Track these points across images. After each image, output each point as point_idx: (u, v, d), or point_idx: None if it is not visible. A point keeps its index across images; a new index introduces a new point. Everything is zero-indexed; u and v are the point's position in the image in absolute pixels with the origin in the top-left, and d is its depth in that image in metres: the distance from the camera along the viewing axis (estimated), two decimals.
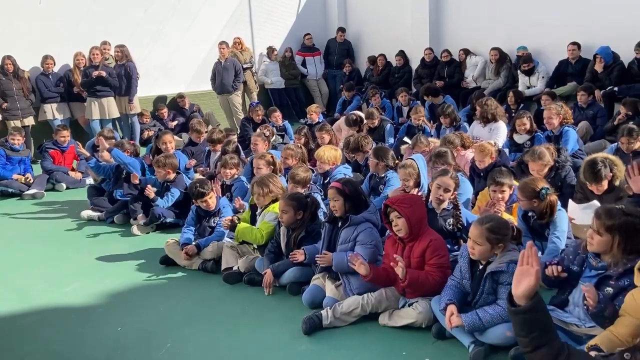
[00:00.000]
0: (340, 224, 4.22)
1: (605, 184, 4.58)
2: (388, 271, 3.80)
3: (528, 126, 7.10)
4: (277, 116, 9.41)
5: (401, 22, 12.34)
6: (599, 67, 9.26)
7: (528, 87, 10.22)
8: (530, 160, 5.31)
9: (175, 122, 11.13)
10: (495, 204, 4.61)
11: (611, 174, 4.59)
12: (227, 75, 10.64)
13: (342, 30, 13.19)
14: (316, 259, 4.15)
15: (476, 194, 5.41)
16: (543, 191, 4.21)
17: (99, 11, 10.47)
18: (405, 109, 10.20)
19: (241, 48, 11.74)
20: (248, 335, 3.80)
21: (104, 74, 9.61)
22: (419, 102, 10.15)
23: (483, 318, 3.26)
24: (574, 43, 9.74)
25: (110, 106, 9.95)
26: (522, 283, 1.93)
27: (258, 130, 7.65)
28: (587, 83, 9.01)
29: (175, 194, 6.18)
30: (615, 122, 7.97)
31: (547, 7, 10.20)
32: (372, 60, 12.67)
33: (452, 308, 3.36)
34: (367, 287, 3.93)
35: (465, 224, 4.26)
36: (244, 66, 11.52)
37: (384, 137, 8.55)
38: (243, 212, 5.28)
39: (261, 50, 12.75)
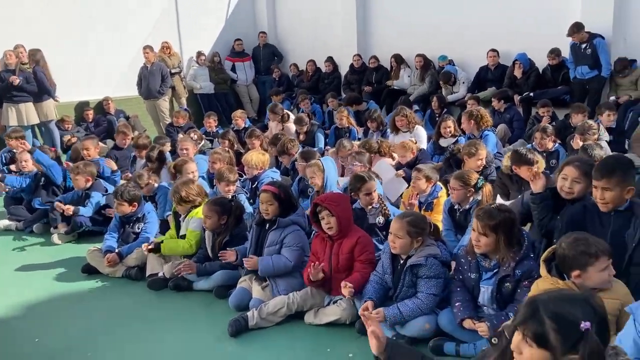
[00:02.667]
0: (267, 226, 4.24)
1: (535, 169, 4.56)
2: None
3: (452, 129, 7.39)
4: (212, 122, 9.32)
5: (330, 29, 12.50)
6: (518, 73, 9.74)
7: (451, 93, 10.60)
8: (466, 155, 5.56)
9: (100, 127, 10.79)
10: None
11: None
12: (153, 80, 10.42)
13: (263, 33, 13.22)
14: (243, 261, 4.15)
15: None
16: (479, 181, 4.42)
17: (21, 14, 10.01)
18: (335, 114, 10.33)
19: (169, 53, 11.54)
20: (174, 340, 3.75)
21: (17, 81, 9.08)
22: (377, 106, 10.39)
23: (403, 311, 3.37)
24: (493, 50, 10.21)
25: (29, 112, 9.50)
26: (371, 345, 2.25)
27: (185, 134, 7.54)
28: (501, 90, 9.46)
29: (95, 198, 6.00)
30: (542, 123, 8.39)
31: (468, 16, 10.63)
32: (296, 67, 12.81)
33: (367, 304, 3.36)
34: (294, 289, 3.97)
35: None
36: (172, 71, 11.33)
37: (314, 141, 8.64)
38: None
39: (190, 55, 12.58)
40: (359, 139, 8.17)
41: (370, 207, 4.53)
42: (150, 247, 4.72)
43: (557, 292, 1.89)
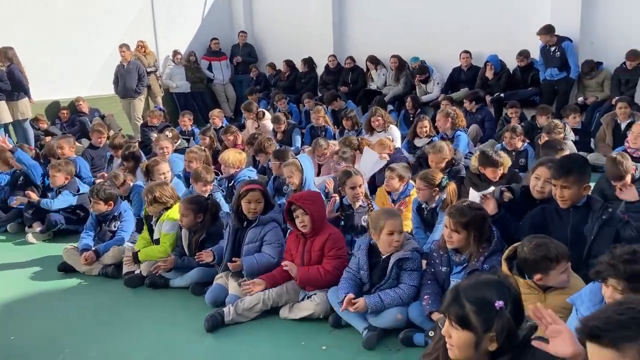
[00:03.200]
0: (245, 224, 4.32)
1: (500, 170, 4.91)
2: (282, 272, 3.98)
3: (428, 129, 7.57)
4: (187, 120, 9.33)
5: (306, 29, 12.59)
6: (489, 74, 9.97)
7: (425, 93, 10.79)
8: (431, 153, 5.74)
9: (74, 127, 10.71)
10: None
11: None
12: (130, 79, 10.38)
13: (243, 32, 13.26)
14: (228, 265, 4.20)
15: None
16: (444, 180, 4.58)
17: None
18: (312, 113, 10.43)
19: (144, 52, 11.50)
20: (151, 337, 3.81)
21: None
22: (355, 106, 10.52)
23: (385, 299, 3.51)
24: (466, 52, 10.42)
25: (2, 111, 9.40)
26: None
27: (161, 134, 7.56)
28: (473, 91, 9.67)
29: (64, 195, 5.99)
30: (511, 124, 8.61)
31: (442, 18, 10.82)
32: (273, 66, 12.87)
33: (350, 296, 3.55)
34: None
35: None
36: (148, 70, 11.28)
37: (292, 140, 8.73)
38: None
39: (166, 54, 12.55)
40: (334, 138, 8.30)
41: (357, 204, 4.64)
42: (128, 259, 4.77)
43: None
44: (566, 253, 2.89)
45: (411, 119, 10.02)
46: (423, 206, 4.65)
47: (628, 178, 4.19)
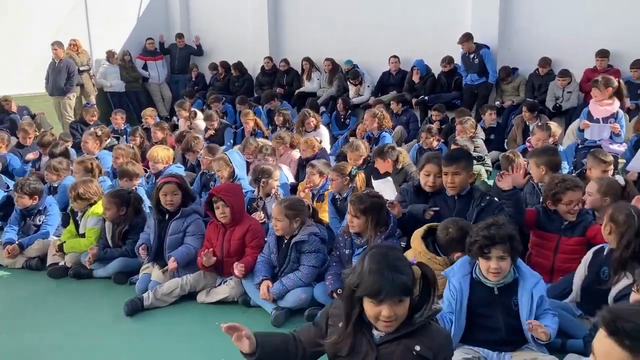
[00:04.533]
0: (168, 216, 4.52)
1: (388, 163, 5.59)
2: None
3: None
4: (119, 119, 9.36)
5: (242, 31, 12.80)
6: (416, 78, 10.49)
7: (357, 96, 11.21)
8: (349, 151, 6.14)
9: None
10: None
11: (395, 159, 5.61)
12: (59, 77, 10.29)
13: (180, 36, 13.31)
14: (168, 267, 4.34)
15: None
16: (353, 170, 5.01)
17: None
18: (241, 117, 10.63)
19: (77, 50, 11.40)
20: (73, 323, 3.96)
21: None
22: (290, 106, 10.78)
23: (286, 284, 3.83)
24: (394, 56, 10.92)
25: None
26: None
27: (91, 129, 7.61)
28: (399, 94, 10.18)
29: None
30: (427, 125, 9.15)
31: (373, 24, 11.29)
32: (214, 67, 13.00)
33: (267, 282, 3.87)
34: (191, 271, 4.27)
35: None
36: (81, 69, 11.20)
37: (223, 139, 8.93)
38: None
39: (100, 52, 12.45)
40: (266, 139, 8.55)
41: (268, 197, 4.93)
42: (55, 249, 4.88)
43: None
44: None
45: (342, 120, 10.50)
46: (337, 197, 5.00)
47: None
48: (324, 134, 8.47)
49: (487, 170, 6.78)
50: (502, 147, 8.35)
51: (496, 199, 3.79)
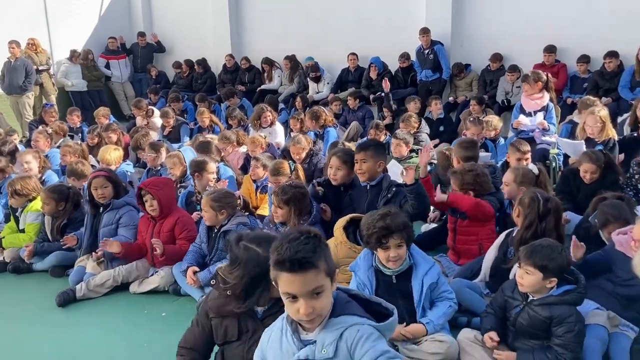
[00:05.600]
0: (102, 209, 4.62)
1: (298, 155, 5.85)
2: (140, 246, 4.32)
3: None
4: (75, 117, 9.36)
5: (204, 29, 12.87)
6: (373, 75, 10.67)
7: (317, 92, 11.37)
8: (291, 145, 6.30)
9: None
10: None
11: None
12: (16, 76, 10.26)
13: (142, 35, 13.33)
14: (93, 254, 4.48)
15: None
16: (291, 166, 5.14)
17: None
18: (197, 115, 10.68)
19: (36, 50, 11.35)
20: (4, 316, 4.04)
21: None
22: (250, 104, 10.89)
23: (212, 271, 3.92)
24: (353, 54, 11.09)
25: None
26: None
27: (40, 127, 7.65)
28: (355, 90, 10.36)
29: None
30: (384, 122, 9.34)
31: (332, 22, 11.47)
32: (178, 65, 13.05)
33: (192, 268, 4.00)
34: (125, 263, 4.38)
35: None
36: (40, 68, 11.16)
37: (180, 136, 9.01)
38: None
39: (61, 52, 12.41)
40: None
41: (205, 189, 5.04)
42: None
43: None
44: None
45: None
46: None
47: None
48: (278, 130, 8.60)
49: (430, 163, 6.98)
50: (453, 140, 8.56)
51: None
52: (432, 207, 4.66)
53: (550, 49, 9.28)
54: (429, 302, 3.10)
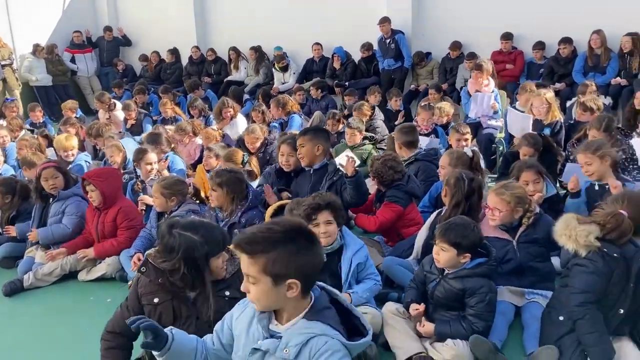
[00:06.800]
0: (51, 199, 4.69)
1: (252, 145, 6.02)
2: (85, 239, 4.43)
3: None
4: (37, 113, 9.33)
5: (170, 21, 12.85)
6: (337, 65, 10.80)
7: (283, 83, 11.46)
8: (245, 134, 6.41)
9: None
10: None
11: None
12: None
13: (109, 29, 13.29)
14: (28, 235, 4.57)
15: None
16: (245, 158, 5.29)
17: None
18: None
19: None
20: None
21: None
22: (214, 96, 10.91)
23: None
24: (317, 44, 11.18)
25: None
26: None
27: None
28: (318, 80, 10.47)
29: None
30: (345, 112, 9.48)
31: (296, 12, 11.53)
32: (144, 58, 13.02)
33: (138, 255, 4.10)
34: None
35: None
36: (3, 63, 11.11)
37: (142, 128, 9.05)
38: None
39: (23, 46, 12.31)
40: None
41: (149, 179, 5.14)
42: None
43: None
44: None
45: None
46: None
47: None
48: (240, 123, 8.66)
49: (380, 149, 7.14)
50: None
51: None
52: None
53: (507, 36, 9.48)
54: (355, 280, 3.23)
